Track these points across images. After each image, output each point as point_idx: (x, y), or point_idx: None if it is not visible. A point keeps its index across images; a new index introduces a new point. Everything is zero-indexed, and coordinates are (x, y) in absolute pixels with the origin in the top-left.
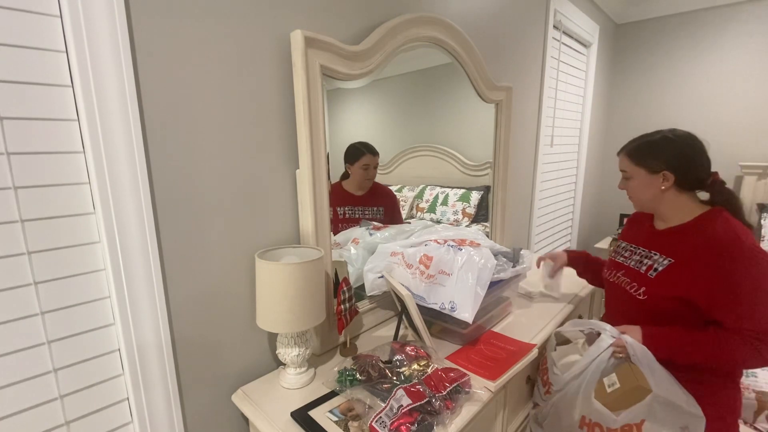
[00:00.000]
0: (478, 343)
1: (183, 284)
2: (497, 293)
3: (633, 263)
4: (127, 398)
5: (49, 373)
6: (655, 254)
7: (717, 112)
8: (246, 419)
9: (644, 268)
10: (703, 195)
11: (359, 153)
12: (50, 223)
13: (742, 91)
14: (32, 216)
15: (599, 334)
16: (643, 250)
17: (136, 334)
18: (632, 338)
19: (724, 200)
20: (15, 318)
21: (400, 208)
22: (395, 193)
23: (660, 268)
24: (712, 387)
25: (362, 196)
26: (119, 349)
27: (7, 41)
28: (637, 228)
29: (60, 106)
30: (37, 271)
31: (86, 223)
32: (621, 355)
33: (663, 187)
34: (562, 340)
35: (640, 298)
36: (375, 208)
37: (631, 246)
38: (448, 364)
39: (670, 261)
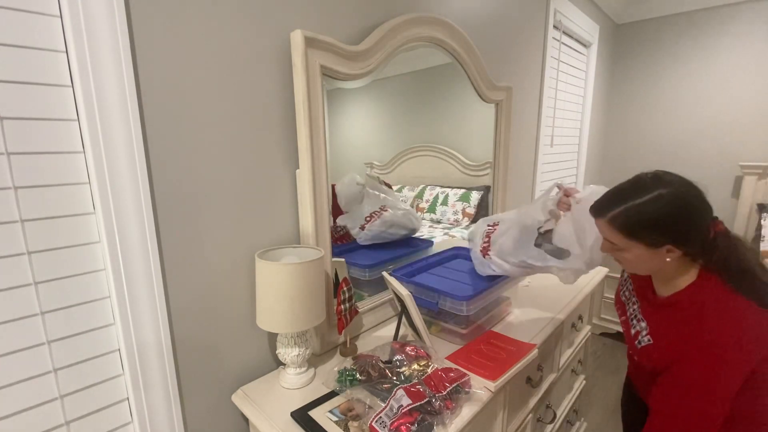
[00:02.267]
0: (478, 343)
1: (183, 284)
2: (497, 293)
3: (630, 316)
4: (127, 398)
5: (49, 373)
6: (643, 322)
7: (717, 111)
8: (246, 419)
9: (633, 331)
10: None
11: None
12: (50, 223)
13: (742, 91)
14: (32, 216)
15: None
16: (637, 308)
17: (136, 334)
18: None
19: (722, 258)
20: (15, 318)
21: None
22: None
23: (643, 343)
24: None
25: None
26: (119, 349)
27: (7, 41)
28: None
29: (60, 106)
30: (37, 271)
31: (86, 223)
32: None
33: (668, 259)
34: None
35: (631, 352)
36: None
37: (632, 290)
38: (448, 364)
39: (649, 341)
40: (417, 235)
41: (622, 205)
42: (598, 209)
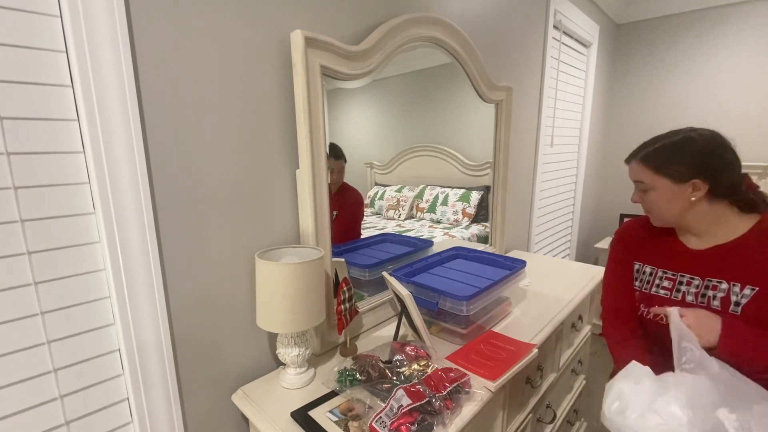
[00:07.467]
0: (478, 343)
1: (183, 284)
2: (497, 293)
3: (691, 298)
4: (127, 398)
5: (49, 373)
6: (720, 282)
7: (717, 111)
8: (246, 419)
9: (717, 302)
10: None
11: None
12: (50, 223)
13: (741, 91)
14: (32, 216)
15: None
16: (693, 278)
17: (136, 334)
18: (694, 321)
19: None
20: (15, 318)
21: (363, 215)
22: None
23: (744, 301)
24: None
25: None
26: (119, 349)
27: (7, 41)
28: (657, 246)
29: (60, 106)
30: (37, 271)
31: (86, 223)
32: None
33: (693, 198)
34: None
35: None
36: (331, 213)
37: (668, 273)
38: (448, 364)
39: (753, 290)
40: (417, 234)
41: (654, 145)
42: (634, 153)
